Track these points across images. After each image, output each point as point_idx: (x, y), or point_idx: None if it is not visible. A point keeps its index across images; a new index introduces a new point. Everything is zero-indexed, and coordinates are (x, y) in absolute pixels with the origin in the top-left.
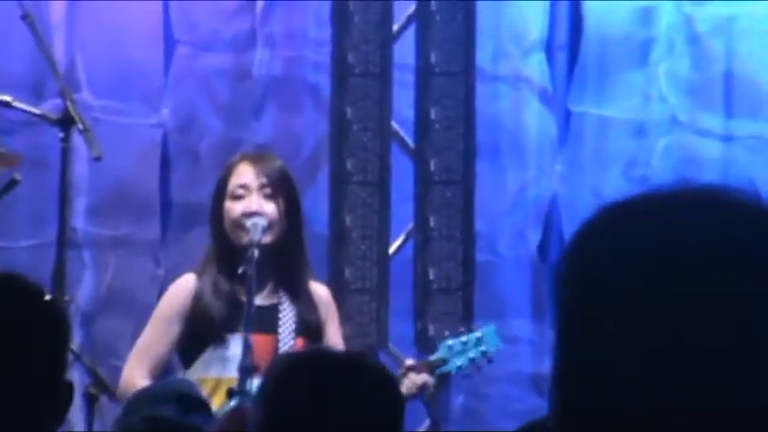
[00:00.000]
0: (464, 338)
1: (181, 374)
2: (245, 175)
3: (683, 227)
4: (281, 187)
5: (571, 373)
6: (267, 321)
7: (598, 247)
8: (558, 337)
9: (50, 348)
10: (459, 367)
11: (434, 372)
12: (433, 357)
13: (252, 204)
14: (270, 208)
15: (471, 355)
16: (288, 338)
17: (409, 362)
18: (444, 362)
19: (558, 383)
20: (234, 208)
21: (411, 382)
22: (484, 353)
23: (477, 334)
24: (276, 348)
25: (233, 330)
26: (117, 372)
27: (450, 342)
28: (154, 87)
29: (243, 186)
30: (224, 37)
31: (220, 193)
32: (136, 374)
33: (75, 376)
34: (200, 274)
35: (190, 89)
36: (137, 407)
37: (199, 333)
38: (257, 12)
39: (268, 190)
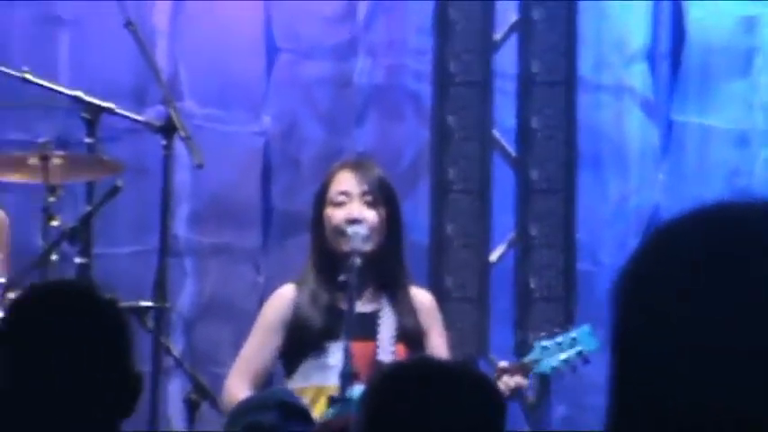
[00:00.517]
0: (558, 339)
1: (283, 384)
2: (346, 182)
3: (744, 236)
4: (383, 195)
5: (630, 376)
6: (367, 328)
7: (663, 252)
8: (616, 339)
9: (111, 345)
10: (554, 368)
11: (528, 374)
12: (526, 359)
13: (353, 211)
14: (371, 215)
15: (566, 355)
16: (387, 345)
17: (503, 364)
18: (538, 363)
19: (617, 386)
20: (335, 215)
21: (504, 385)
22: (579, 353)
23: (572, 334)
24: (375, 355)
25: (332, 338)
26: (218, 379)
27: (544, 343)
28: (256, 95)
29: (344, 193)
30: (326, 45)
31: (321, 200)
32: (238, 385)
33: (177, 383)
34: (299, 283)
35: (291, 97)
36: (239, 416)
37: (298, 342)
38: (359, 20)
39: (369, 197)
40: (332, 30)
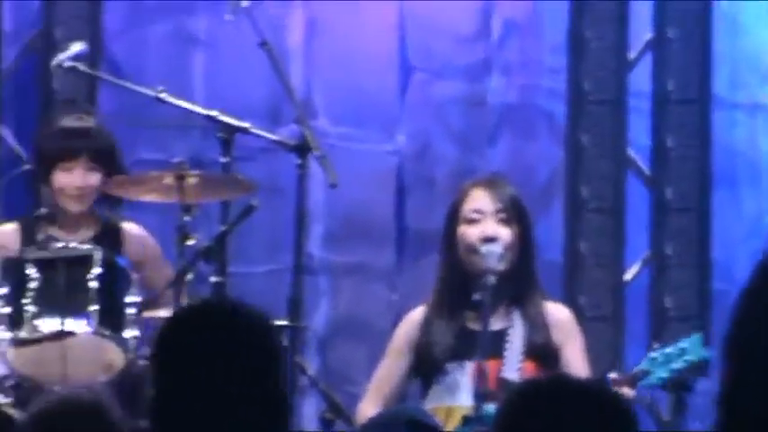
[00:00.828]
0: (668, 350)
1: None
2: (480, 200)
3: None
4: (516, 212)
5: (742, 381)
6: (496, 346)
7: None
8: (731, 348)
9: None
10: (663, 379)
11: (636, 384)
12: (635, 370)
13: (487, 229)
14: (505, 233)
15: (675, 366)
16: (514, 362)
17: (611, 375)
18: (647, 374)
19: (729, 394)
20: (469, 232)
21: None
22: (689, 363)
23: (683, 345)
24: (499, 372)
25: (462, 358)
26: (352, 398)
27: (653, 354)
28: (389, 114)
29: (477, 211)
30: (459, 64)
31: (454, 217)
32: (370, 408)
33: (312, 402)
34: (429, 304)
35: (425, 116)
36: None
37: (428, 363)
38: (493, 39)
39: (503, 215)
40: (466, 49)
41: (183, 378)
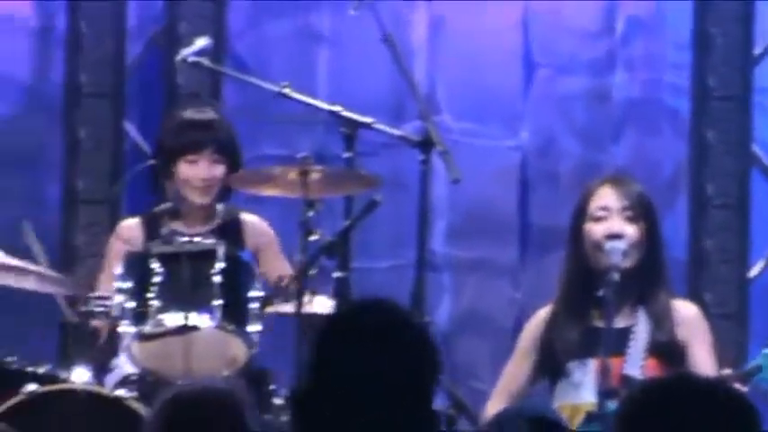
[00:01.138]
0: None
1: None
2: (606, 197)
3: None
4: (643, 210)
5: None
6: (619, 343)
7: None
8: None
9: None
10: None
11: (747, 381)
12: (748, 366)
13: (613, 226)
14: (631, 230)
15: None
16: (636, 359)
17: (724, 372)
18: (760, 370)
19: None
20: (595, 229)
21: None
22: None
23: None
24: (622, 369)
25: (587, 355)
26: (475, 393)
27: (767, 350)
28: (513, 110)
29: (604, 208)
30: (583, 60)
31: (580, 215)
32: (498, 404)
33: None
34: (556, 302)
35: (549, 112)
36: (495, 427)
37: (552, 361)
38: (617, 35)
39: (630, 213)
40: (590, 44)
41: (340, 376)
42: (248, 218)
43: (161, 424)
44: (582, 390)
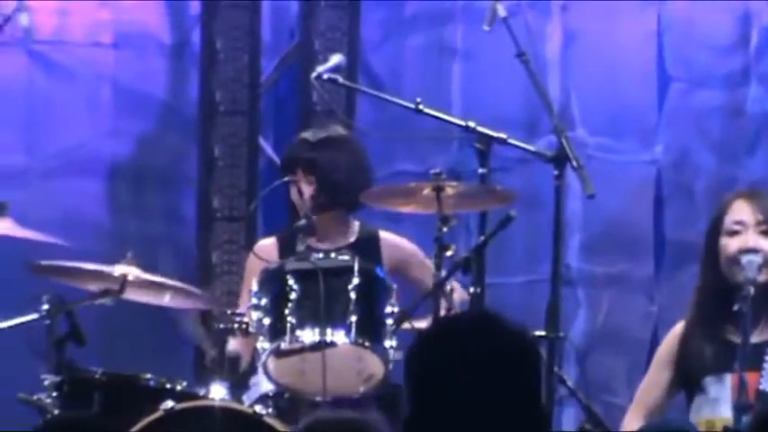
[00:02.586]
0: None
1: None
2: (741, 211)
3: None
4: None
5: None
6: (755, 358)
7: None
8: None
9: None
10: None
11: None
12: None
13: (749, 240)
14: (766, 244)
15: None
16: None
17: None
18: None
19: None
20: (730, 244)
21: None
22: None
23: None
24: (759, 385)
25: (722, 370)
26: (611, 408)
27: None
28: (647, 124)
29: (739, 223)
30: (718, 73)
31: (715, 229)
32: (632, 421)
33: (571, 412)
34: (688, 316)
35: (683, 126)
36: None
37: (688, 376)
38: (751, 48)
39: (765, 227)
40: (724, 58)
41: (443, 393)
42: (385, 235)
43: None
44: (718, 405)
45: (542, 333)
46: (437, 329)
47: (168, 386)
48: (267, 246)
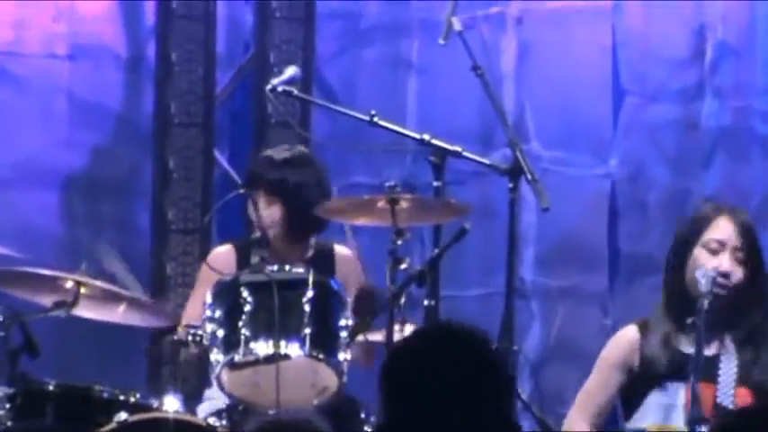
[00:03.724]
0: None
1: (622, 424)
2: (724, 231)
3: None
4: (753, 251)
5: None
6: (710, 371)
7: None
8: None
9: (494, 393)
10: None
11: None
12: None
13: (723, 263)
14: (738, 273)
15: None
16: (727, 388)
17: None
18: None
19: None
20: (705, 261)
21: None
22: None
23: None
24: (715, 398)
25: (676, 379)
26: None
27: None
28: (602, 138)
29: (720, 242)
30: (673, 87)
31: (689, 240)
32: (578, 419)
33: (525, 425)
34: (643, 324)
35: (638, 140)
36: None
37: (642, 382)
38: (706, 63)
39: (741, 254)
40: (679, 72)
41: (415, 404)
42: (340, 250)
43: None
44: (670, 413)
45: (497, 346)
46: (410, 342)
47: (122, 398)
48: (223, 253)
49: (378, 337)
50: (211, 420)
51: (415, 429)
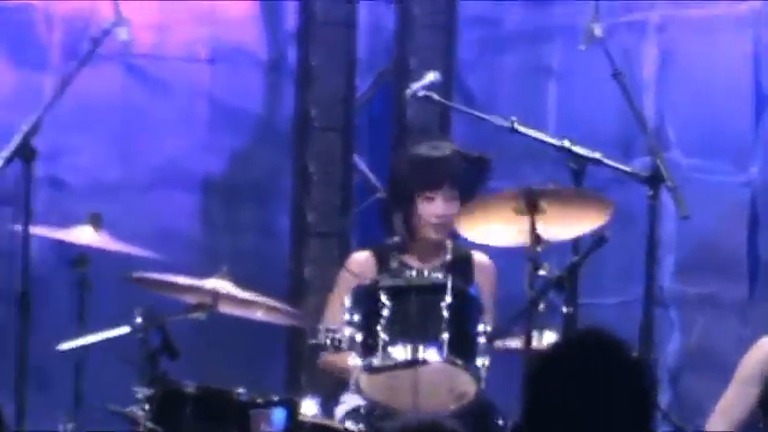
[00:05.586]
0: None
1: None
2: None
3: None
4: None
5: None
6: None
7: None
8: None
9: (637, 402)
10: None
11: None
12: None
13: None
14: None
15: None
16: None
17: None
18: None
19: None
20: None
21: None
22: None
23: None
24: None
25: None
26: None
27: None
28: (743, 145)
29: None
30: None
31: None
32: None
33: None
34: None
35: None
36: None
37: None
38: None
39: None
40: None
41: (558, 412)
42: (479, 257)
43: None
44: None
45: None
46: (558, 349)
47: (260, 401)
48: (362, 259)
49: (516, 343)
50: (348, 424)
51: None
